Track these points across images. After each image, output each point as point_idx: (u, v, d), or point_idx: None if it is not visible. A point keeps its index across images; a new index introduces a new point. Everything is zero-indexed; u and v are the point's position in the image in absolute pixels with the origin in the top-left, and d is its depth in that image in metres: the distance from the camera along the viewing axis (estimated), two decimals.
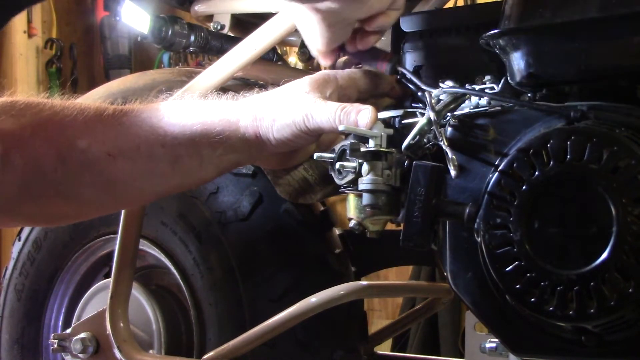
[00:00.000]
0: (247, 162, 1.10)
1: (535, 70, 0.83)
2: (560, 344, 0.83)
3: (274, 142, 0.97)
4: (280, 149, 0.98)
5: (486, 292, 0.85)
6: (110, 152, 0.96)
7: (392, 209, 0.91)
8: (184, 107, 1.00)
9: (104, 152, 0.96)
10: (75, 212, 1.05)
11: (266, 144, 0.97)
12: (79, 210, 1.05)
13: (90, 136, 0.96)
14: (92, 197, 1.00)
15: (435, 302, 1.55)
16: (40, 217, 1.05)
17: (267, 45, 1.22)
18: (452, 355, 2.54)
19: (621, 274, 0.74)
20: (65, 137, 0.96)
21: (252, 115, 0.97)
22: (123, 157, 0.97)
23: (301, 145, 0.99)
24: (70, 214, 1.06)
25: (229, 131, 0.97)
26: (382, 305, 3.26)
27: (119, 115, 0.98)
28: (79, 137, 0.96)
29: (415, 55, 1.03)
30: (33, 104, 0.95)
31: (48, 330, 1.54)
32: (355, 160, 0.90)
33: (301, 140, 0.97)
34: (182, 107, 1.01)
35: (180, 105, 1.01)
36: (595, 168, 0.76)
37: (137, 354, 1.28)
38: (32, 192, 0.95)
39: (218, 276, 1.31)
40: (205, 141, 0.97)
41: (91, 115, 0.97)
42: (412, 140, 0.89)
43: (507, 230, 0.80)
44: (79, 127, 0.96)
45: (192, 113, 0.99)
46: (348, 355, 1.32)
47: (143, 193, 1.04)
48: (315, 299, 1.15)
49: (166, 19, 1.35)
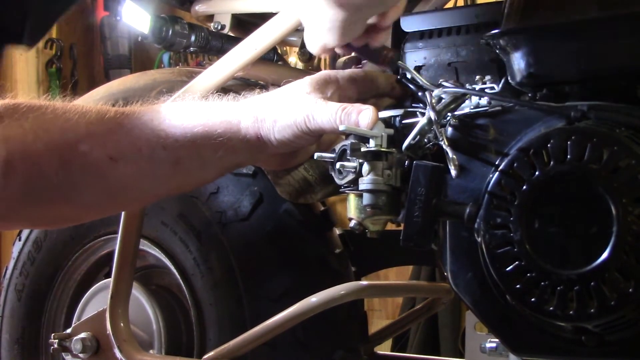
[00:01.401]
0: (248, 163, 1.10)
1: (535, 70, 0.83)
2: (561, 343, 0.83)
3: (275, 142, 0.97)
4: (281, 149, 0.98)
5: (486, 292, 0.85)
6: (111, 155, 0.96)
7: (392, 208, 0.91)
8: (185, 109, 1.01)
9: (105, 155, 0.96)
10: (76, 215, 1.05)
11: (267, 145, 0.97)
12: (80, 213, 1.05)
13: (92, 140, 0.96)
14: (93, 200, 1.00)
15: (436, 302, 1.55)
16: (41, 220, 1.06)
17: (268, 45, 1.22)
18: (452, 355, 2.54)
19: (621, 274, 0.74)
20: (67, 141, 0.96)
21: (253, 116, 0.97)
22: (124, 160, 0.97)
23: (302, 146, 0.99)
24: (71, 217, 1.07)
25: (230, 133, 0.97)
26: (382, 305, 3.26)
27: (121, 118, 0.99)
28: (80, 141, 0.96)
29: (415, 55, 1.03)
30: (35, 107, 0.95)
31: (48, 330, 1.54)
32: (355, 160, 0.90)
33: (302, 141, 0.97)
34: (183, 109, 1.01)
35: (181, 107, 1.01)
36: (596, 168, 0.76)
37: (137, 353, 1.28)
38: (34, 196, 0.95)
39: (218, 276, 1.31)
40: (207, 143, 0.97)
41: (92, 118, 0.97)
42: (413, 140, 0.89)
43: (508, 230, 0.80)
44: (81, 130, 0.96)
45: (193, 115, 0.99)
46: (348, 355, 1.32)
47: (143, 195, 1.05)
48: (316, 299, 1.15)
49: (166, 18, 1.35)
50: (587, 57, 0.80)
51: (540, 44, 0.83)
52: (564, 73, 0.83)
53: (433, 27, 1.01)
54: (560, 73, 0.83)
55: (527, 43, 0.83)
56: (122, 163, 0.97)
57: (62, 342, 1.37)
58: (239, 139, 0.98)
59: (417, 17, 1.04)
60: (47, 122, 0.95)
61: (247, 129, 0.97)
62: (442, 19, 1.02)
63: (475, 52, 0.97)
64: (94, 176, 0.97)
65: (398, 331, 1.74)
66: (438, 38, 1.01)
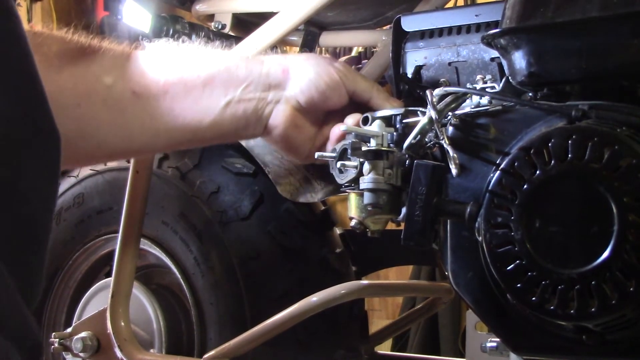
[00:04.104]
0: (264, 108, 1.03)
1: (536, 69, 0.83)
2: (561, 343, 0.83)
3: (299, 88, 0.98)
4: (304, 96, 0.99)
5: (487, 291, 0.85)
6: (135, 89, 0.96)
7: (393, 208, 0.91)
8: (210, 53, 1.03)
9: (129, 90, 0.96)
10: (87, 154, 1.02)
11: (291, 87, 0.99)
12: (92, 152, 1.02)
13: (117, 73, 0.96)
14: (107, 138, 0.98)
15: (436, 301, 1.55)
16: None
17: (268, 44, 1.22)
18: (452, 355, 2.54)
19: (622, 273, 0.74)
20: (92, 72, 0.94)
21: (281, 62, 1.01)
22: (147, 96, 0.96)
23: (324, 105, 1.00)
24: (81, 156, 1.04)
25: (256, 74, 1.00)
26: (382, 305, 3.26)
27: (147, 55, 0.99)
28: (105, 74, 0.95)
29: (416, 55, 1.03)
30: (58, 38, 0.94)
31: (49, 329, 1.54)
32: (356, 159, 0.91)
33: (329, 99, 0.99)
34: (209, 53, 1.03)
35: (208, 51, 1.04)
36: (597, 167, 0.76)
37: (138, 353, 1.29)
38: None
39: (219, 275, 1.31)
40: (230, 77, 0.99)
41: (118, 53, 0.96)
42: (414, 140, 0.89)
43: (508, 229, 0.80)
44: (106, 63, 0.95)
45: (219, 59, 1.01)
46: (348, 355, 1.32)
47: (158, 135, 1.02)
48: (316, 298, 1.15)
49: (167, 18, 1.35)
50: (589, 57, 0.80)
51: (541, 43, 0.83)
52: (564, 72, 0.83)
53: (433, 26, 1.01)
54: (561, 72, 0.83)
55: (527, 42, 0.83)
56: (143, 99, 0.96)
57: (62, 342, 1.37)
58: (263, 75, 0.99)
59: (418, 16, 1.04)
60: (72, 51, 0.93)
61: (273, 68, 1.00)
62: (442, 19, 1.02)
63: (476, 51, 0.97)
64: (113, 111, 0.96)
65: (398, 331, 1.75)
66: (438, 38, 1.01)
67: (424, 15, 1.04)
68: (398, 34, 1.04)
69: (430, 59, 1.02)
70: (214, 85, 0.99)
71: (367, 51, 2.53)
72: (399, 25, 1.03)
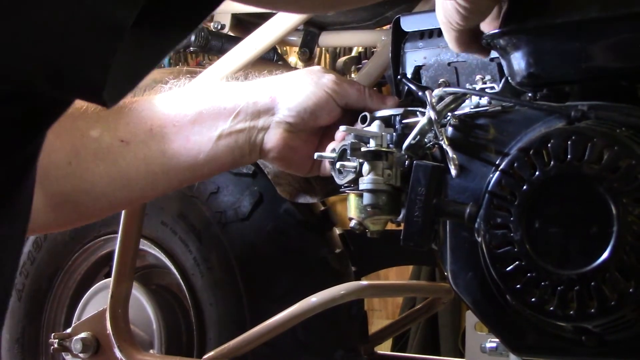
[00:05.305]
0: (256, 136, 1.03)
1: (535, 70, 0.83)
2: (561, 343, 0.83)
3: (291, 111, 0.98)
4: (294, 119, 0.99)
5: (487, 292, 0.85)
6: (122, 137, 0.97)
7: (392, 208, 0.91)
8: (195, 90, 1.03)
9: (117, 139, 0.96)
10: (89, 209, 1.03)
11: (280, 110, 0.98)
12: (92, 207, 1.03)
13: (102, 125, 0.96)
14: (106, 190, 0.99)
15: (436, 302, 1.55)
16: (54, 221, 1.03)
17: (268, 45, 1.22)
18: (452, 355, 2.54)
19: (622, 274, 0.74)
20: (78, 128, 0.96)
21: (269, 88, 1.00)
22: (136, 142, 0.97)
23: (315, 123, 1.00)
24: (83, 213, 1.05)
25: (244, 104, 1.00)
26: (382, 305, 3.26)
27: (129, 103, 0.99)
28: (91, 128, 0.96)
29: (415, 55, 1.03)
30: None
31: (48, 330, 1.54)
32: (355, 160, 0.91)
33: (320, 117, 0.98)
34: (193, 90, 1.03)
35: (192, 89, 1.03)
36: (596, 168, 0.76)
37: (137, 353, 1.28)
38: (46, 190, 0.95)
39: (218, 276, 1.31)
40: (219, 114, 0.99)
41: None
42: (413, 140, 0.89)
43: (508, 230, 0.80)
44: (90, 117, 0.96)
45: (204, 93, 1.01)
46: (348, 355, 1.32)
47: (156, 179, 1.02)
48: (316, 298, 1.15)
49: None
50: (588, 57, 0.80)
51: (541, 44, 0.82)
52: (564, 73, 0.83)
53: (433, 26, 1.01)
54: (561, 73, 0.83)
55: (527, 43, 0.83)
56: (133, 145, 0.97)
57: (62, 342, 1.37)
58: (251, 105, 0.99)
59: (417, 16, 1.04)
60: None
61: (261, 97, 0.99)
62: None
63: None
64: (105, 161, 0.97)
65: (398, 331, 1.75)
66: (438, 38, 1.01)
67: (424, 16, 1.04)
68: (397, 34, 1.03)
69: (429, 59, 1.02)
70: (202, 121, 0.99)
71: (366, 51, 2.53)
72: (398, 26, 1.03)
